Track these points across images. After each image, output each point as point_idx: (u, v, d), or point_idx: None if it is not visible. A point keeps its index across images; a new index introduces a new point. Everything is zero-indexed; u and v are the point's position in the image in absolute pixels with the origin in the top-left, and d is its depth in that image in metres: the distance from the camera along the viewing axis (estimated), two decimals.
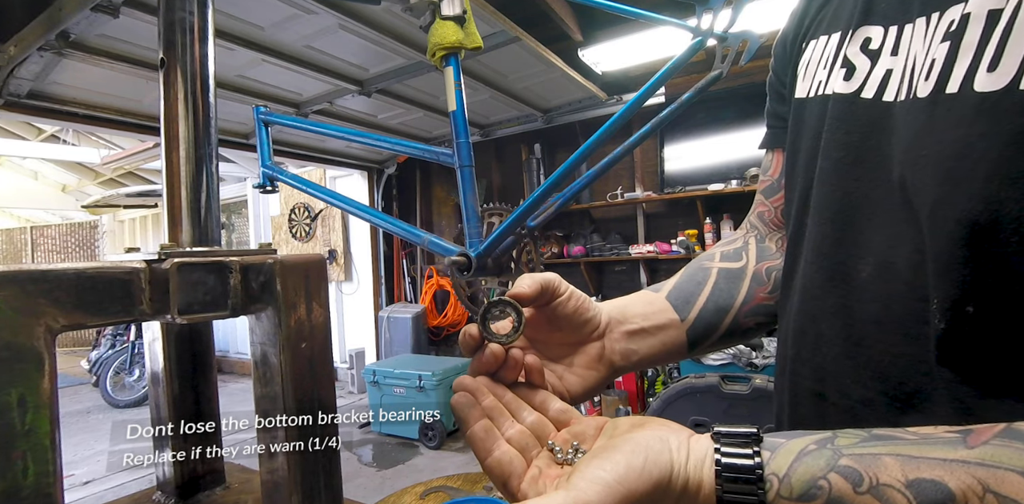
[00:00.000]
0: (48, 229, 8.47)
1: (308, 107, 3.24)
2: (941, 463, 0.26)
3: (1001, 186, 0.29)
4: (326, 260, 1.22)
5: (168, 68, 0.62)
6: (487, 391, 0.42)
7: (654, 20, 1.13)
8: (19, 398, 0.36)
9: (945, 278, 0.32)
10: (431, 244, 0.96)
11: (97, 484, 3.22)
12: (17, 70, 2.23)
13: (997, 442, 0.26)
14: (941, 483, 0.26)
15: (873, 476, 0.27)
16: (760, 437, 0.32)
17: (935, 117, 0.34)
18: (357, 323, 5.29)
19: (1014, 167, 0.29)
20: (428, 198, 5.17)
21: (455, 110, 0.88)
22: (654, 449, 0.32)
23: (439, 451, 3.47)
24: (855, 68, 0.42)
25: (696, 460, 0.32)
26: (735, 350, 3.16)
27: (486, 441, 0.38)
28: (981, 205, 0.30)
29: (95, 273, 0.41)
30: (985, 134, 0.31)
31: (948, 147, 0.32)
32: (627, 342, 0.50)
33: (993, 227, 0.30)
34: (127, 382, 4.99)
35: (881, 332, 0.37)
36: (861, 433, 0.30)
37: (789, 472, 0.30)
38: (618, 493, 0.30)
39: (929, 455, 0.27)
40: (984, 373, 0.32)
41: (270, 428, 0.51)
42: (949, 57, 0.33)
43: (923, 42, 0.36)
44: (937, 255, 0.33)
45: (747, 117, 3.43)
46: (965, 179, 0.31)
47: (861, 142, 0.40)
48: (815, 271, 0.44)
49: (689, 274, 0.57)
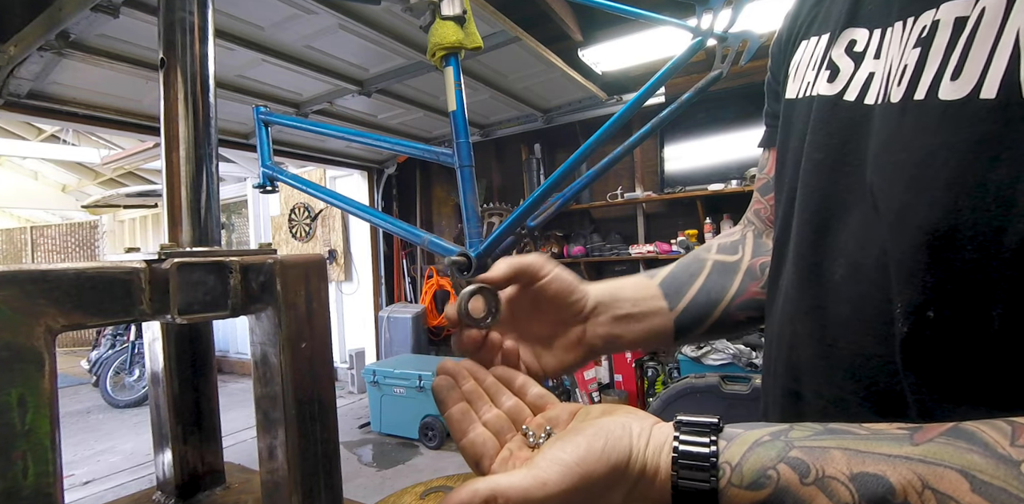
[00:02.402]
0: (48, 229, 8.47)
1: (308, 107, 3.24)
2: (885, 458, 0.27)
3: (959, 195, 0.30)
4: (326, 260, 1.22)
5: (168, 68, 0.62)
6: (468, 375, 0.43)
7: (654, 20, 1.13)
8: (19, 398, 0.36)
9: (908, 283, 0.33)
10: (431, 244, 0.96)
11: (97, 484, 3.22)
12: (17, 70, 2.23)
13: (941, 440, 0.27)
14: (883, 477, 0.26)
15: (820, 468, 0.28)
16: (720, 427, 0.33)
17: (904, 124, 0.34)
18: (357, 323, 5.29)
19: (971, 177, 0.30)
20: (428, 198, 5.17)
21: (455, 110, 0.88)
22: (615, 434, 0.33)
23: (439, 451, 3.47)
24: (839, 70, 0.42)
25: (655, 446, 0.33)
26: (735, 350, 3.16)
27: (462, 423, 0.40)
28: (941, 213, 0.31)
29: (95, 273, 0.41)
30: (946, 143, 0.31)
31: (914, 154, 0.33)
32: (612, 326, 0.50)
33: (952, 235, 0.30)
34: (127, 382, 5.00)
35: (852, 333, 0.38)
36: (816, 427, 0.31)
37: (741, 461, 0.30)
38: (576, 474, 0.31)
39: (876, 450, 0.28)
40: (943, 378, 0.32)
41: (270, 428, 0.51)
42: (919, 63, 0.34)
43: (899, 46, 0.37)
44: (900, 260, 0.33)
45: (747, 117, 3.43)
46: (927, 187, 0.32)
47: (841, 145, 0.40)
48: (794, 272, 0.44)
49: (685, 264, 0.58)
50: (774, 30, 0.60)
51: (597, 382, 3.82)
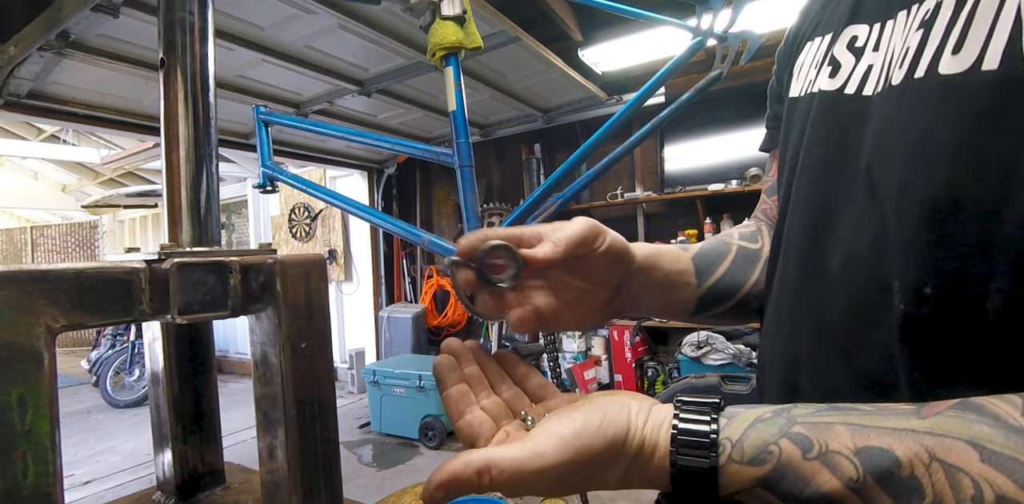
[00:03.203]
0: (48, 229, 8.47)
1: (308, 107, 3.24)
2: (891, 432, 0.27)
3: (961, 168, 0.30)
4: (326, 260, 1.22)
5: (168, 68, 0.62)
6: (472, 358, 0.42)
7: (654, 20, 1.13)
8: (19, 398, 0.36)
9: (909, 261, 0.33)
10: (431, 244, 0.96)
11: (97, 484, 3.22)
12: (17, 70, 2.23)
13: (950, 413, 0.26)
14: (888, 451, 0.26)
15: (823, 443, 0.28)
16: (721, 406, 0.33)
17: (904, 103, 0.34)
18: (357, 323, 5.29)
19: (973, 149, 0.29)
20: (428, 198, 5.17)
21: (455, 110, 0.88)
22: (613, 410, 0.33)
23: (439, 451, 3.47)
24: (840, 65, 0.42)
25: (655, 424, 0.33)
26: (735, 350, 3.16)
27: (460, 403, 0.39)
28: (943, 187, 0.31)
29: (95, 273, 0.41)
30: (947, 116, 0.31)
31: (914, 131, 0.33)
32: (641, 292, 0.49)
33: (953, 209, 0.30)
34: (127, 382, 4.99)
35: (847, 321, 0.38)
36: (820, 405, 0.31)
37: (742, 437, 0.30)
38: (572, 447, 0.31)
39: (881, 425, 0.27)
40: (941, 359, 0.32)
41: (270, 428, 0.51)
42: (920, 44, 0.34)
43: (902, 33, 0.37)
44: (899, 239, 0.33)
45: (747, 117, 3.43)
46: (928, 162, 0.31)
47: (840, 138, 0.40)
48: (793, 266, 0.44)
49: (713, 245, 0.58)
50: (774, 30, 0.61)
51: (597, 382, 3.82)
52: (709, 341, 3.24)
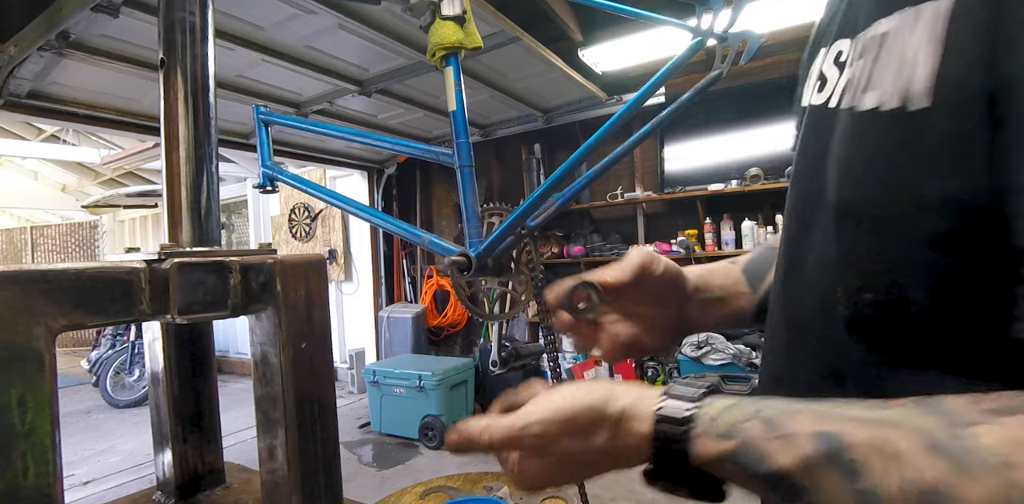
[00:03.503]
0: (48, 229, 8.47)
1: (308, 107, 3.24)
2: (848, 420, 0.30)
3: (885, 191, 0.34)
4: (326, 260, 1.22)
5: (168, 68, 0.62)
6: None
7: (654, 20, 1.13)
8: (19, 398, 0.36)
9: (847, 270, 0.37)
10: (431, 244, 0.96)
11: (97, 484, 3.22)
12: (17, 70, 2.23)
13: (910, 405, 0.29)
14: (840, 435, 0.29)
15: (786, 426, 0.31)
16: (711, 391, 0.37)
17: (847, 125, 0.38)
18: (357, 323, 5.29)
19: (886, 175, 0.34)
20: (428, 198, 5.17)
21: (455, 110, 0.88)
22: (596, 385, 0.39)
23: (439, 451, 3.47)
24: (827, 79, 0.45)
25: (639, 397, 0.38)
26: (735, 350, 3.16)
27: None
28: (870, 207, 0.35)
29: (95, 273, 0.41)
30: (876, 144, 0.35)
31: (849, 154, 0.37)
32: (703, 309, 0.57)
33: (871, 225, 0.35)
34: (127, 382, 5.00)
35: (815, 317, 0.42)
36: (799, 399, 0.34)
37: (719, 416, 0.35)
38: (556, 407, 0.38)
39: (843, 414, 0.30)
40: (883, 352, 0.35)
41: (270, 428, 0.51)
42: (861, 74, 0.38)
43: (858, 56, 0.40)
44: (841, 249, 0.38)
45: (747, 117, 3.43)
46: (863, 185, 0.36)
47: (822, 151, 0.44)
48: (783, 268, 0.49)
49: (762, 253, 0.63)
50: (774, 30, 0.62)
51: None
52: (709, 341, 3.24)
